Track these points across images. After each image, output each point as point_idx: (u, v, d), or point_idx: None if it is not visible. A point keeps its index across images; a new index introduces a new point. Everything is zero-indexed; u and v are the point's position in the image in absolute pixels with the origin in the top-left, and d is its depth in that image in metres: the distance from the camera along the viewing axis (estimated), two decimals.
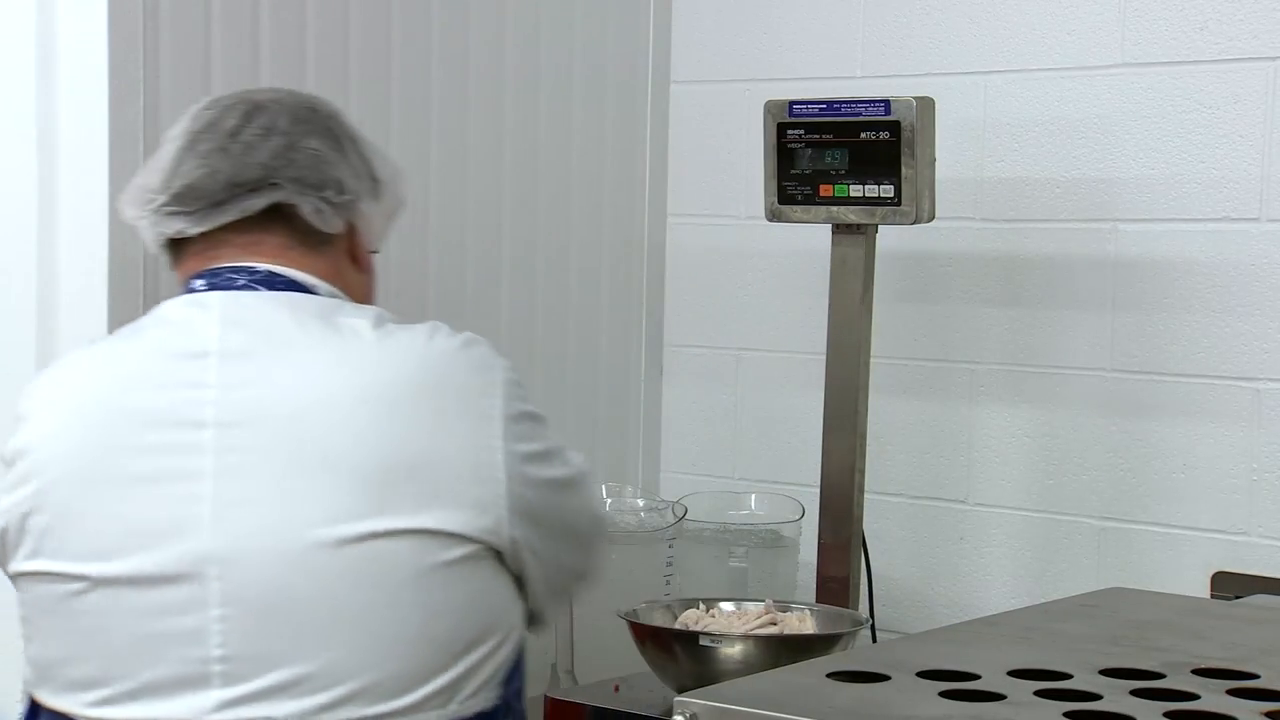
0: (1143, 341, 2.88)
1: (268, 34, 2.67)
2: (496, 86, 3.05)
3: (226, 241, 2.07)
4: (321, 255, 2.09)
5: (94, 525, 1.96)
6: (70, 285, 2.49)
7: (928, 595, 3.08)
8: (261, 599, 1.91)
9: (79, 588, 1.97)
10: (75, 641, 1.98)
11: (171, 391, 1.97)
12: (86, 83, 2.47)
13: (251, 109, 2.09)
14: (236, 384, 1.96)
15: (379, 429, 1.94)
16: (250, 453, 1.94)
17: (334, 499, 1.92)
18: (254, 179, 2.05)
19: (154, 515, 1.94)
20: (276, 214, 2.07)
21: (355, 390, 1.95)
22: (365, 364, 1.98)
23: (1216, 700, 1.78)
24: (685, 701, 1.75)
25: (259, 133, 2.07)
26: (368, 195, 2.12)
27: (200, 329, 2.00)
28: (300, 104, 2.12)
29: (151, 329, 2.06)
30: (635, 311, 3.35)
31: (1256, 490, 2.79)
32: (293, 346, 1.98)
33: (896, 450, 3.11)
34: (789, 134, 2.74)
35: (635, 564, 2.84)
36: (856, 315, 2.74)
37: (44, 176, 2.49)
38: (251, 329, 2.00)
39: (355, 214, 2.10)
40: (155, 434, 1.96)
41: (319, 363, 1.97)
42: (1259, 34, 2.77)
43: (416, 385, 1.97)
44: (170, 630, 1.93)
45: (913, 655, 1.95)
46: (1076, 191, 2.93)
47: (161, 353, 2.01)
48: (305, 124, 2.09)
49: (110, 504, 1.96)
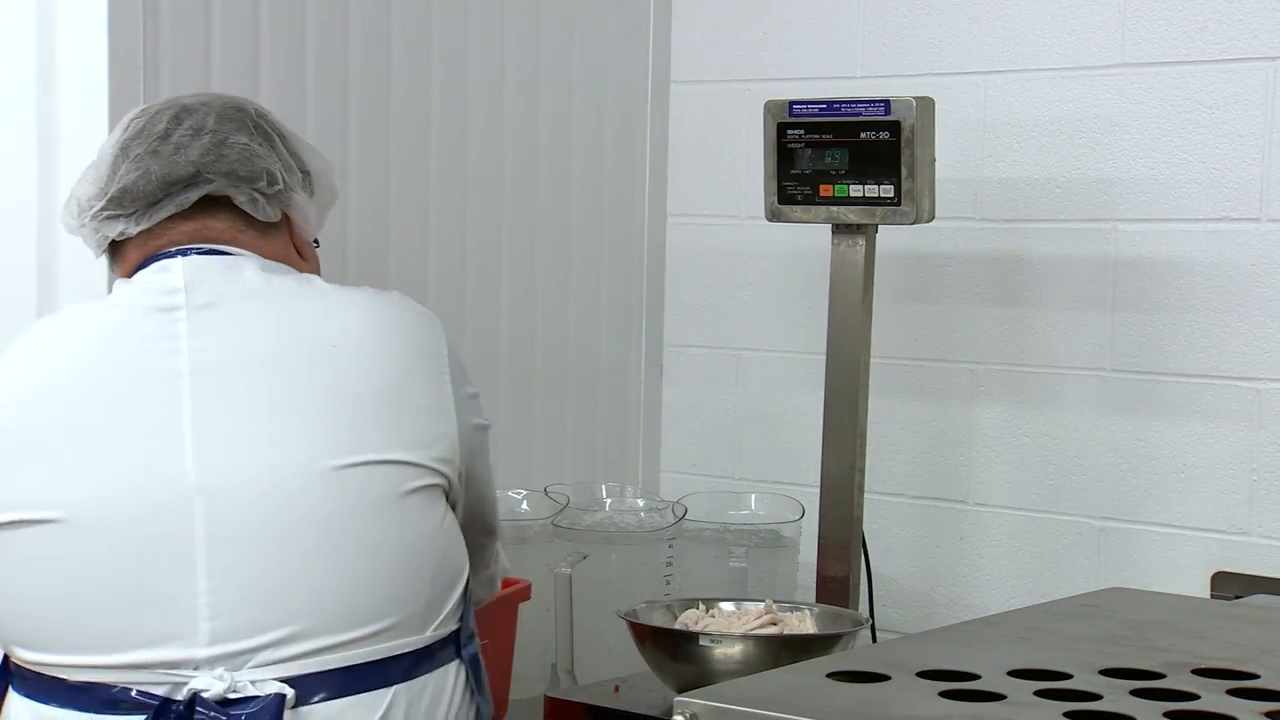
0: (1143, 341, 2.88)
1: (267, 34, 2.67)
2: (496, 86, 3.05)
3: (170, 229, 2.14)
4: (274, 239, 2.18)
5: (75, 475, 1.99)
6: (70, 285, 2.49)
7: (928, 595, 3.08)
8: (246, 531, 1.97)
9: (59, 535, 1.98)
10: (57, 591, 2.00)
11: (145, 343, 2.04)
12: (86, 83, 2.47)
13: (179, 112, 2.17)
14: (207, 333, 2.04)
15: (349, 370, 2.05)
16: (226, 396, 2.01)
17: (311, 435, 2.01)
18: (186, 175, 2.13)
19: (134, 462, 1.99)
20: (217, 204, 2.15)
21: (326, 334, 2.06)
22: (331, 310, 2.09)
23: (1216, 700, 1.78)
24: (685, 701, 1.75)
25: (189, 133, 2.14)
26: (299, 186, 2.20)
27: (166, 286, 2.08)
28: (227, 104, 2.20)
29: (118, 290, 2.14)
30: (635, 311, 3.35)
31: (1256, 490, 2.79)
32: (259, 295, 2.08)
33: (896, 450, 3.11)
34: (789, 134, 2.74)
35: (635, 564, 2.84)
36: (856, 315, 2.74)
37: (44, 176, 2.50)
38: (216, 283, 2.08)
39: (289, 204, 2.19)
40: (130, 386, 2.02)
41: (288, 309, 2.08)
42: (1259, 34, 2.77)
43: (380, 328, 2.10)
44: (158, 569, 1.97)
45: (913, 655, 1.95)
46: (1076, 191, 2.93)
47: (130, 308, 2.08)
48: (232, 122, 2.17)
49: (88, 451, 2.00)
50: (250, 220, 2.16)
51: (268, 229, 2.17)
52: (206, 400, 2.01)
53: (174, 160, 2.13)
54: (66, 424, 2.01)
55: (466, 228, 3.02)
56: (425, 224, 2.94)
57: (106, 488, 1.98)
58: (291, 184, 2.19)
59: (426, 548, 2.06)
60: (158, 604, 1.97)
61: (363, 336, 2.09)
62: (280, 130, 2.22)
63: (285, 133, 2.22)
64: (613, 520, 2.88)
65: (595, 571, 2.76)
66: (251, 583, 1.97)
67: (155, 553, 1.97)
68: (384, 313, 2.12)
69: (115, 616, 1.97)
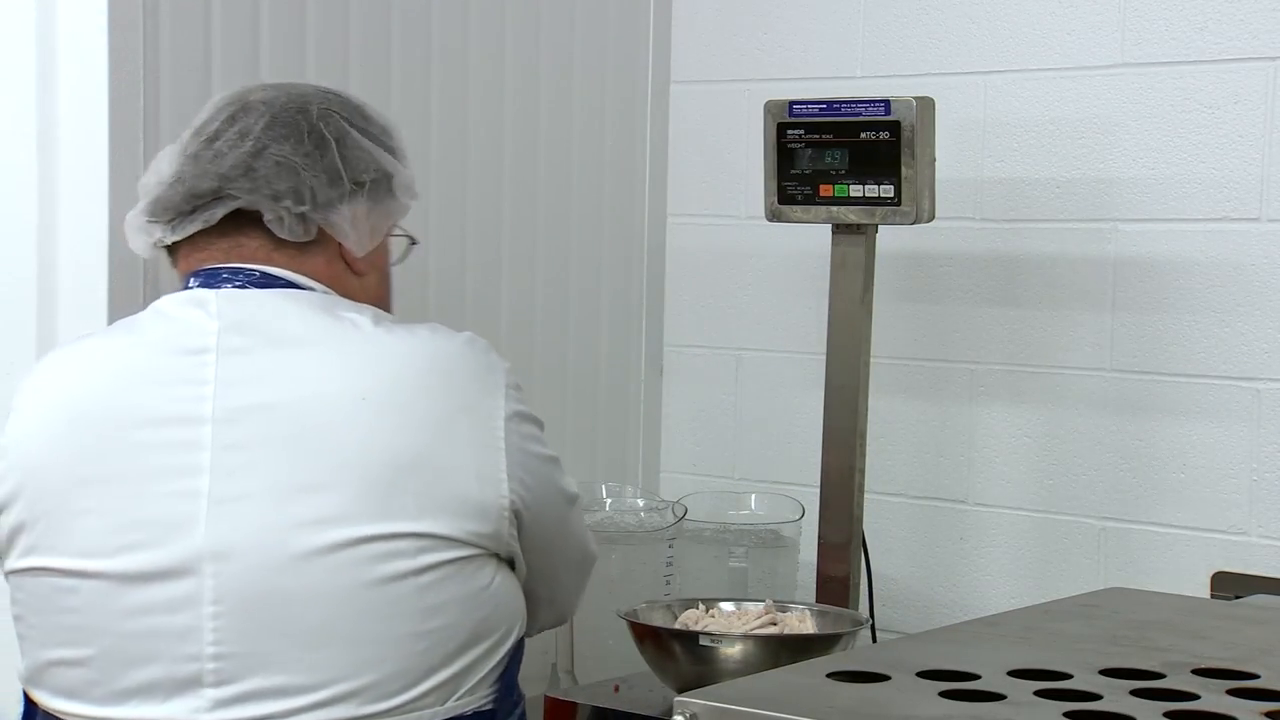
0: (1143, 341, 2.88)
1: (268, 34, 2.67)
2: (496, 86, 3.05)
3: (209, 245, 2.06)
4: (311, 256, 2.06)
5: (90, 522, 1.95)
6: (70, 285, 2.49)
7: (928, 595, 3.08)
8: (255, 598, 1.90)
9: (73, 584, 1.95)
10: (69, 640, 1.97)
11: (170, 388, 1.96)
12: (86, 83, 2.47)
13: (239, 110, 2.08)
14: (235, 380, 1.95)
15: (379, 429, 1.92)
16: (248, 449, 1.93)
17: (331, 500, 1.90)
18: (209, 190, 2.04)
19: (151, 511, 1.93)
20: (250, 219, 2.04)
21: (356, 387, 1.94)
22: (367, 360, 1.96)
23: (1216, 700, 1.78)
24: (685, 701, 1.74)
25: (234, 138, 2.05)
26: (344, 199, 2.06)
27: (199, 325, 1.99)
28: (290, 102, 2.08)
29: (149, 325, 2.05)
30: (635, 311, 3.35)
31: (1256, 490, 2.79)
32: (292, 341, 1.97)
33: (896, 450, 3.11)
34: (789, 134, 2.74)
35: (635, 564, 2.84)
36: (856, 315, 2.74)
37: (44, 176, 2.49)
38: (250, 324, 1.98)
39: (329, 220, 2.05)
40: (153, 431, 1.95)
41: (319, 358, 1.96)
42: (1259, 34, 2.77)
43: (418, 384, 1.95)
44: (164, 628, 1.92)
45: (913, 655, 1.95)
46: (1076, 191, 2.93)
47: (160, 349, 2.00)
48: (284, 126, 2.05)
49: (107, 500, 1.95)
50: (281, 239, 2.04)
51: (304, 247, 2.05)
52: (226, 453, 1.92)
53: (205, 170, 2.04)
54: (91, 467, 1.95)
55: (466, 227, 3.02)
56: (425, 224, 2.93)
57: (124, 539, 1.93)
58: (332, 198, 2.05)
59: (456, 620, 1.96)
60: (165, 664, 1.92)
61: (396, 392, 1.94)
62: (343, 132, 2.08)
63: (345, 136, 2.08)
64: (613, 520, 2.88)
65: (595, 571, 2.76)
66: (256, 653, 1.90)
67: (165, 613, 1.92)
68: (428, 366, 1.97)
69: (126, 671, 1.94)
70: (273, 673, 1.90)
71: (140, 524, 1.93)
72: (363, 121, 2.12)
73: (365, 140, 2.10)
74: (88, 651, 1.96)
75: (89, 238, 2.47)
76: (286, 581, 1.90)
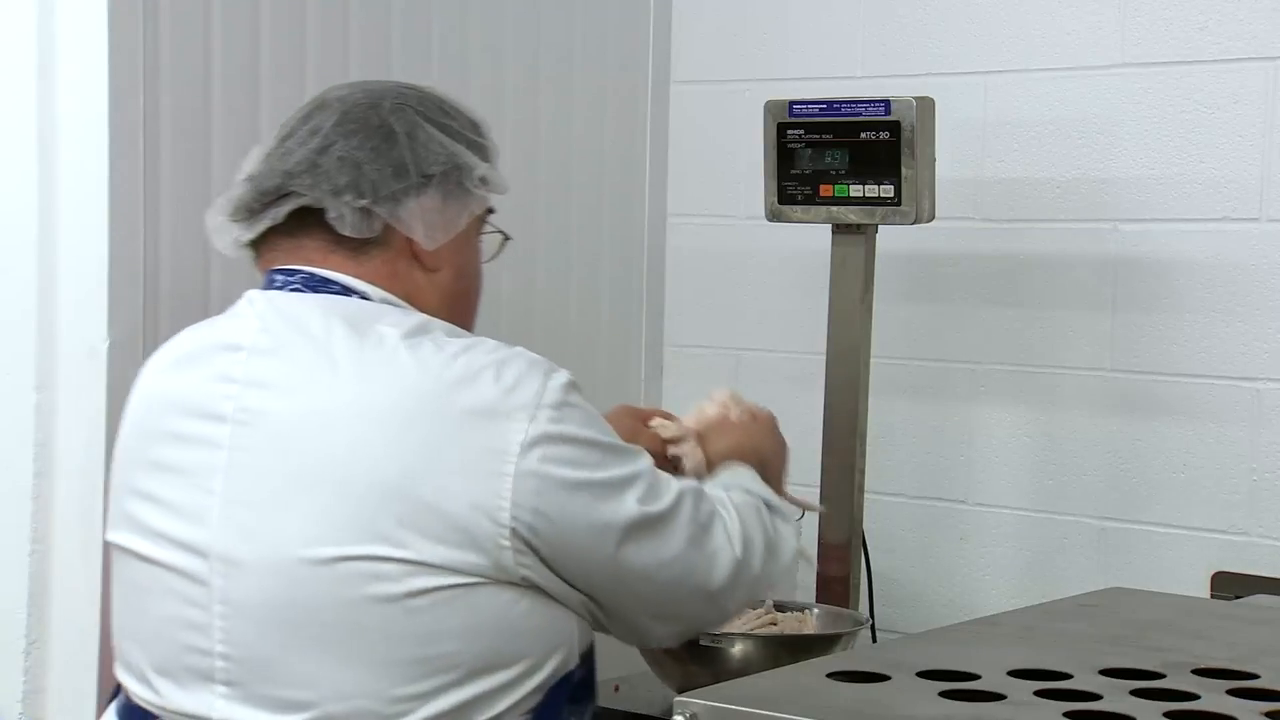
0: (1143, 341, 2.88)
1: (268, 34, 2.67)
2: (496, 87, 3.05)
3: (277, 245, 2.04)
4: (370, 258, 2.02)
5: (139, 503, 2.00)
6: (70, 285, 2.49)
7: (928, 595, 3.08)
8: (257, 606, 1.90)
9: (130, 563, 2.01)
10: (127, 616, 2.04)
11: (208, 383, 1.98)
12: (86, 83, 2.47)
13: (316, 108, 2.06)
14: (255, 382, 1.94)
15: (371, 448, 1.87)
16: (255, 454, 1.92)
17: (322, 515, 1.87)
18: (274, 188, 2.01)
19: (177, 503, 1.96)
20: (313, 219, 2.01)
21: (359, 403, 1.89)
22: (376, 377, 1.91)
23: (1216, 700, 1.78)
24: (685, 701, 1.74)
25: (305, 135, 2.02)
26: (411, 193, 2.00)
27: (242, 324, 2.00)
28: (364, 98, 2.05)
29: (222, 318, 2.07)
30: (635, 311, 3.35)
31: (1256, 490, 2.79)
32: (312, 350, 1.94)
33: (896, 450, 3.11)
34: (789, 134, 2.74)
35: None
36: (856, 315, 2.74)
37: (44, 176, 2.49)
38: (281, 329, 1.97)
39: (392, 214, 2.00)
40: (186, 422, 1.98)
41: (330, 370, 1.92)
42: (1259, 34, 2.77)
43: (420, 406, 1.89)
44: (185, 618, 1.95)
45: (913, 655, 1.95)
46: (1076, 191, 2.93)
47: (209, 343, 2.03)
48: (354, 122, 2.02)
49: (149, 485, 1.99)
50: (342, 239, 2.00)
51: (363, 246, 2.00)
52: (241, 454, 1.92)
53: (273, 167, 2.02)
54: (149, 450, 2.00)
55: None
56: None
57: (157, 526, 1.97)
58: (397, 191, 1.99)
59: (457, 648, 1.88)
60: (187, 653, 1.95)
61: (395, 412, 1.87)
62: (415, 125, 2.02)
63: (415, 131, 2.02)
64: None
65: None
66: (259, 659, 1.90)
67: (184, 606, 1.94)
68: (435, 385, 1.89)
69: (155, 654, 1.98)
70: (271, 683, 1.90)
71: (169, 513, 1.96)
72: (441, 115, 2.07)
73: (440, 134, 2.05)
74: (136, 630, 2.01)
75: (89, 238, 2.47)
76: (282, 595, 1.88)
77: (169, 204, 2.52)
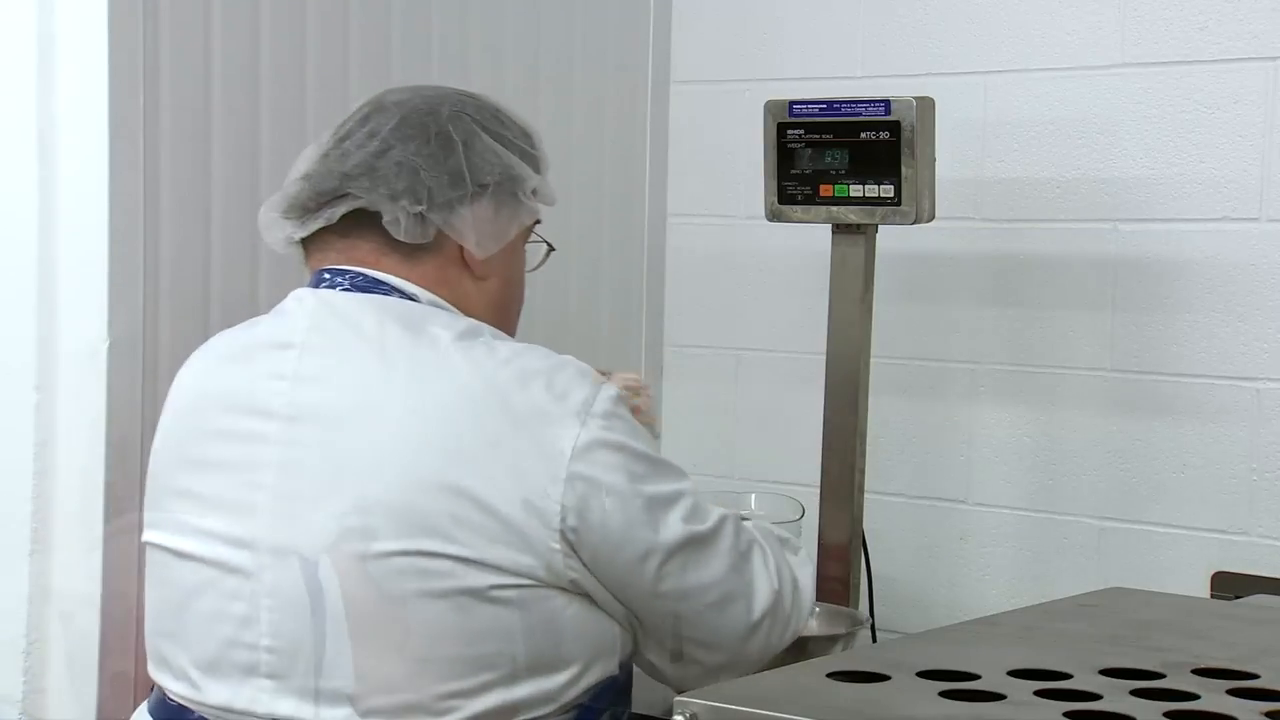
0: (1143, 341, 2.88)
1: (268, 34, 2.67)
2: (496, 87, 3.04)
3: (329, 245, 2.07)
4: (421, 262, 2.04)
5: (182, 502, 2.01)
6: (70, 286, 2.49)
7: (928, 595, 3.08)
8: (305, 599, 1.91)
9: (169, 562, 2.02)
10: (166, 615, 2.04)
11: (256, 381, 1.99)
12: (86, 82, 2.47)
13: (373, 110, 2.08)
14: (307, 379, 1.96)
15: (427, 444, 1.89)
16: (306, 449, 1.94)
17: (373, 510, 1.89)
18: (331, 189, 2.04)
19: (222, 499, 1.97)
20: (368, 221, 2.03)
21: (412, 400, 1.91)
22: (429, 377, 1.92)
23: (1216, 700, 1.78)
24: (685, 701, 1.74)
25: (363, 138, 2.05)
26: (465, 201, 2.04)
27: (292, 321, 2.01)
28: (423, 104, 2.07)
29: (267, 317, 2.08)
30: (635, 311, 3.34)
31: (1256, 490, 2.79)
32: (365, 349, 1.96)
33: (896, 450, 3.11)
34: (789, 134, 2.74)
35: None
36: (856, 315, 2.74)
37: (44, 176, 2.49)
38: (334, 327, 1.99)
39: (446, 222, 2.03)
40: (233, 419, 1.99)
41: (384, 368, 1.94)
42: (1259, 34, 2.77)
43: (474, 407, 1.91)
44: (231, 613, 1.96)
45: (913, 655, 1.95)
46: (1076, 191, 2.93)
47: (258, 341, 2.04)
48: (412, 127, 2.04)
49: (196, 482, 2.00)
50: (395, 242, 2.02)
51: (416, 251, 2.03)
52: (292, 449, 1.94)
53: (330, 169, 2.04)
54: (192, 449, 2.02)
55: None
56: None
57: (201, 524, 1.98)
58: (453, 199, 2.03)
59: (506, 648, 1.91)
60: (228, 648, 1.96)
61: (450, 411, 1.90)
62: (472, 134, 2.06)
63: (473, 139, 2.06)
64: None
65: None
66: (305, 652, 1.91)
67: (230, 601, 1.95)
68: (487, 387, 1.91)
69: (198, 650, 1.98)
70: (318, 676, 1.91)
71: (214, 510, 1.98)
72: (497, 125, 2.10)
73: (495, 144, 2.08)
74: (176, 629, 2.02)
75: (89, 238, 2.46)
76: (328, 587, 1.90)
77: (169, 204, 2.51)
